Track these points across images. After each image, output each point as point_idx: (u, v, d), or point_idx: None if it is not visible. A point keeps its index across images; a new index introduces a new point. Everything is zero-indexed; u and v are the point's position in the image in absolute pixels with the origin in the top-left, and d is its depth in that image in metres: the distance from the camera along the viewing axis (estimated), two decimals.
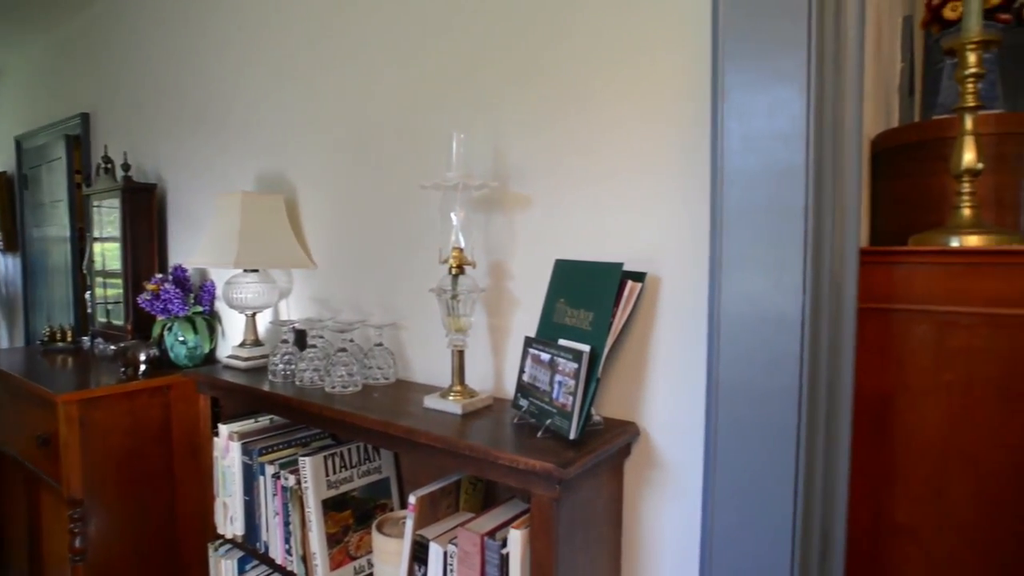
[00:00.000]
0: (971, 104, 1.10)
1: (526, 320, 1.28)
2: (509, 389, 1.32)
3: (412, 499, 1.17)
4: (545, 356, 1.09)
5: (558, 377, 1.04)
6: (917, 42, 2.46)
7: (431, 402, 1.23)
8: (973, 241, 1.07)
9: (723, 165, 0.93)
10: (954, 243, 1.09)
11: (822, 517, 0.95)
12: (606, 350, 1.01)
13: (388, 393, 1.37)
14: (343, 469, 1.41)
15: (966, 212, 1.11)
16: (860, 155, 0.94)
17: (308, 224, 1.77)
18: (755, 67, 0.90)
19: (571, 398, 1.00)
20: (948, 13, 1.29)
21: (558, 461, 0.93)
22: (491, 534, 1.05)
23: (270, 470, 1.43)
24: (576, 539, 1.02)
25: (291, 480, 1.38)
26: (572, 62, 1.19)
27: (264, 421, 1.60)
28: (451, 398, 1.21)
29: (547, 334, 1.14)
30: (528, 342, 1.15)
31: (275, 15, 1.82)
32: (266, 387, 1.45)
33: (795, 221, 0.87)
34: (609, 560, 1.14)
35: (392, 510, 1.48)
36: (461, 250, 1.21)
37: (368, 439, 1.26)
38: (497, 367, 1.34)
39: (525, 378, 1.14)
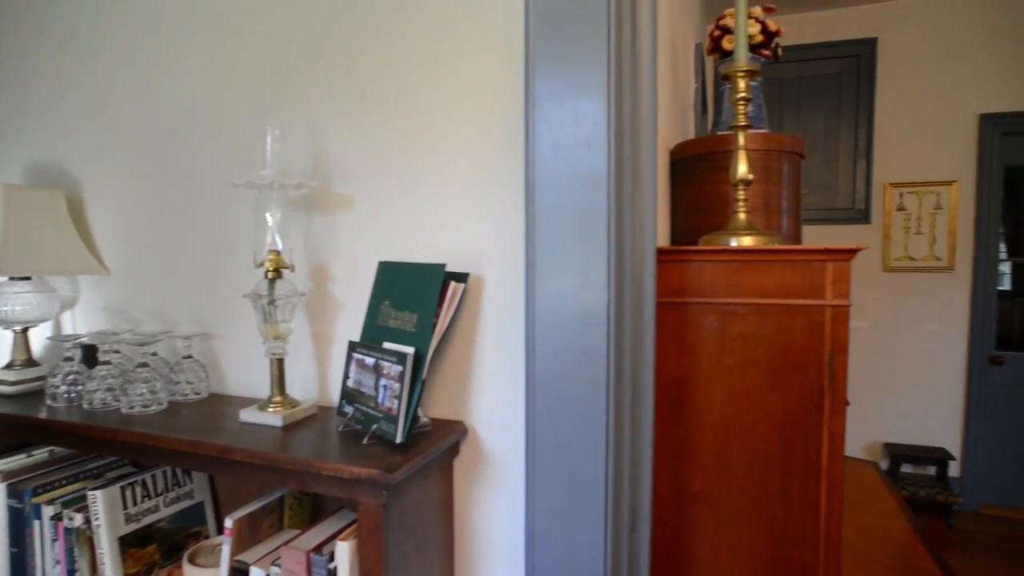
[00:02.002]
0: (742, 123, 1.28)
1: (351, 324, 1.24)
2: (334, 397, 1.27)
3: (228, 523, 1.08)
4: (369, 360, 1.06)
5: (383, 381, 1.02)
6: (709, 67, 2.81)
7: (248, 415, 1.14)
8: (747, 241, 1.25)
9: (535, 169, 0.98)
10: (732, 243, 1.25)
11: (631, 493, 1.04)
12: (431, 351, 1.01)
13: (199, 409, 1.25)
14: (146, 499, 1.25)
15: (741, 216, 1.29)
16: (655, 162, 1.05)
17: (98, 224, 1.55)
18: (562, 78, 0.96)
19: (397, 401, 0.99)
20: (726, 44, 1.49)
21: (384, 466, 0.91)
22: (317, 549, 1.00)
23: (48, 511, 1.22)
24: (407, 544, 1.01)
25: (77, 520, 1.19)
26: (396, 61, 1.18)
27: (42, 455, 1.36)
28: (270, 410, 1.13)
29: (372, 337, 1.12)
30: (352, 346, 1.11)
31: None
32: (43, 414, 1.24)
33: (599, 223, 0.94)
34: (442, 561, 1.15)
35: (208, 537, 1.35)
36: (278, 252, 1.14)
37: (176, 462, 1.13)
38: (321, 374, 1.28)
39: (350, 383, 1.10)
